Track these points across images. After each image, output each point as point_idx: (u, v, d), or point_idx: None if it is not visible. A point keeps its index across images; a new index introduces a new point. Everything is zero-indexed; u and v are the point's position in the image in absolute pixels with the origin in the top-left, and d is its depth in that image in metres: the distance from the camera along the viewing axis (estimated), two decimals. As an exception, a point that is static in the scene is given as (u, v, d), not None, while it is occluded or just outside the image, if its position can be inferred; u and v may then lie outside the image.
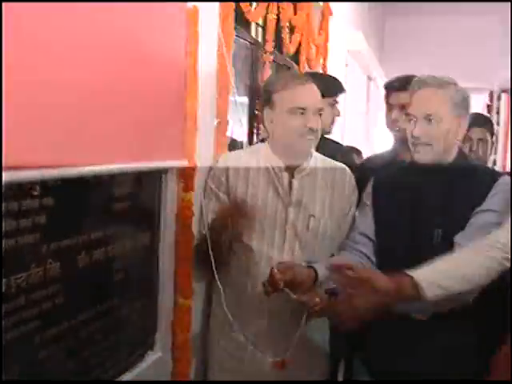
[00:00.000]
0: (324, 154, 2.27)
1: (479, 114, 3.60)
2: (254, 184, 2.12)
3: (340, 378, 2.65)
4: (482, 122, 3.27)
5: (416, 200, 2.08)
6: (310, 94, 2.10)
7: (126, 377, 1.82)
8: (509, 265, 1.85)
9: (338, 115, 2.92)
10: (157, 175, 1.93)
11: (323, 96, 2.18)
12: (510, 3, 4.39)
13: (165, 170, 1.95)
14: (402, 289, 1.76)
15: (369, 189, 2.18)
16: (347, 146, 3.61)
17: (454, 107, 2.02)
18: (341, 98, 2.92)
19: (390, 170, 2.27)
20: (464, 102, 2.05)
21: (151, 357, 1.97)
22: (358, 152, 4.34)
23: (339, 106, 2.89)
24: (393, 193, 2.13)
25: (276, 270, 1.88)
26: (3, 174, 1.13)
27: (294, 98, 2.07)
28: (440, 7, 7.92)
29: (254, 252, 2.10)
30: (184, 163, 1.98)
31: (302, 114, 2.06)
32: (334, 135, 4.13)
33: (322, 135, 2.27)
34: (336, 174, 2.24)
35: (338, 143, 3.10)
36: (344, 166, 2.31)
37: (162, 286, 1.99)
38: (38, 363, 1.42)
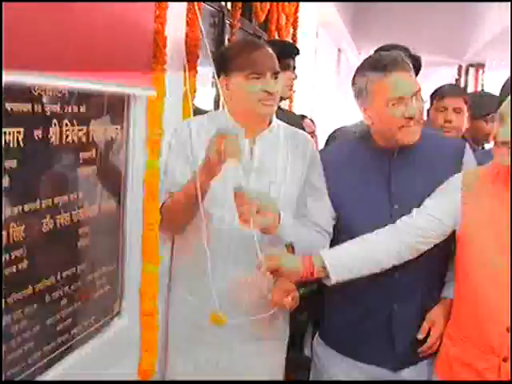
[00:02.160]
0: None
1: (453, 84, 3.63)
2: None
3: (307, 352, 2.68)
4: (456, 91, 3.29)
5: (385, 182, 2.10)
6: (266, 57, 2.09)
7: (93, 343, 1.81)
8: (425, 248, 1.94)
9: (295, 78, 2.94)
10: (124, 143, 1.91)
11: (278, 60, 2.17)
12: (509, 3, 4.41)
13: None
14: (310, 271, 1.91)
15: (321, 174, 2.19)
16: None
17: None
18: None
19: (346, 148, 2.28)
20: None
21: (118, 323, 1.96)
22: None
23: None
24: (351, 177, 2.15)
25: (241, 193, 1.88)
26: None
27: (250, 63, 2.05)
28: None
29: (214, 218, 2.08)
30: (151, 92, 1.97)
31: (259, 78, 2.05)
32: (304, 106, 4.14)
33: (279, 106, 2.27)
34: (297, 140, 2.24)
35: (293, 113, 3.13)
36: (305, 132, 2.33)
37: (129, 252, 1.98)
38: (1, 329, 1.40)
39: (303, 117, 3.76)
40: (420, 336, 2.05)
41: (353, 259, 1.93)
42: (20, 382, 1.35)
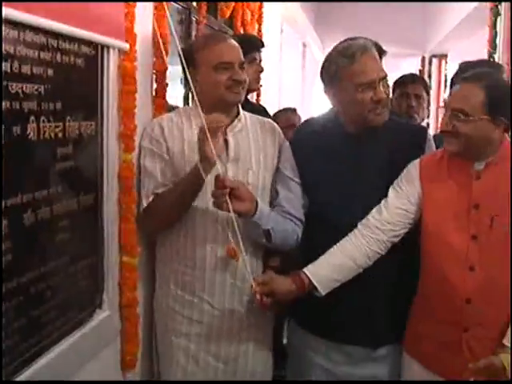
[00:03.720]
0: None
1: (413, 73, 3.80)
2: (189, 144, 2.14)
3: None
4: (415, 78, 3.47)
5: (355, 163, 2.17)
6: (232, 49, 2.18)
7: (76, 335, 1.85)
8: (396, 240, 2.05)
9: (262, 71, 3.01)
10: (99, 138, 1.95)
11: (244, 54, 2.24)
12: (509, 3, 4.51)
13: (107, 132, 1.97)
14: (302, 289, 2.01)
15: (291, 161, 2.24)
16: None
17: None
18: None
19: (311, 136, 2.31)
20: None
21: (100, 315, 2.00)
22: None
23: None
24: (320, 161, 2.20)
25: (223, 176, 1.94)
26: None
27: (218, 55, 2.13)
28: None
29: (196, 209, 2.13)
30: (124, 45, 2.01)
31: (227, 68, 2.13)
32: (271, 102, 4.19)
33: (246, 97, 2.32)
34: (265, 128, 2.32)
35: (259, 105, 3.18)
36: (271, 121, 2.42)
37: (107, 245, 2.02)
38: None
39: (293, 110, 3.74)
40: None
41: (336, 271, 2.03)
42: (20, 382, 1.37)
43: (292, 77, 7.03)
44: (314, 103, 8.88)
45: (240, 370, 2.24)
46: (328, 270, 2.02)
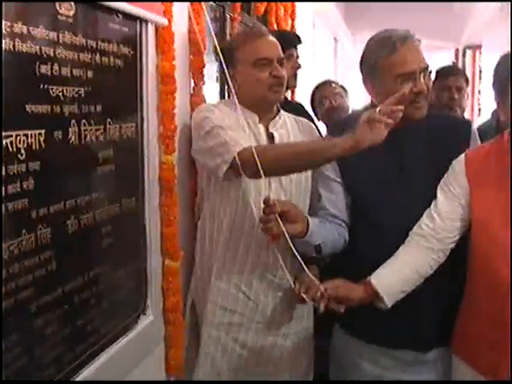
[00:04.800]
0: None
1: (453, 65, 3.71)
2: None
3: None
4: (456, 71, 3.39)
5: (397, 160, 2.09)
6: (271, 44, 2.13)
7: (121, 342, 1.82)
8: (454, 245, 1.96)
9: (299, 68, 2.95)
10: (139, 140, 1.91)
11: (282, 50, 2.18)
12: (509, 3, 4.41)
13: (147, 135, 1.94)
14: (369, 298, 1.92)
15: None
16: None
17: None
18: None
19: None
20: None
21: (144, 321, 1.97)
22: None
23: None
24: (363, 158, 2.12)
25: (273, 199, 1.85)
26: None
27: (256, 51, 2.08)
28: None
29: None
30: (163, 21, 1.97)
31: (266, 64, 2.07)
32: (304, 96, 4.13)
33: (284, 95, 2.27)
34: (303, 127, 2.28)
35: (296, 102, 3.13)
36: (308, 121, 2.37)
37: (150, 249, 1.98)
38: (35, 331, 1.41)
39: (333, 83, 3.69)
40: None
41: (402, 284, 1.94)
42: (20, 382, 1.34)
43: (324, 72, 6.95)
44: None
45: (273, 363, 2.23)
46: (395, 282, 1.94)
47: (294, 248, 1.90)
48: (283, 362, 2.25)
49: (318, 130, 2.50)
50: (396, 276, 1.94)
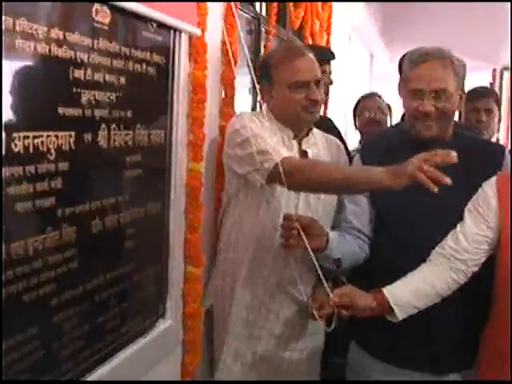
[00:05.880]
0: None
1: (484, 86, 3.66)
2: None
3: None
4: (488, 92, 3.34)
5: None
6: (309, 65, 2.10)
7: (138, 343, 1.85)
8: (476, 269, 1.93)
9: (331, 83, 2.97)
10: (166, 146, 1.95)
11: None
12: (509, 3, 4.39)
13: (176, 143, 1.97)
14: (382, 308, 1.90)
15: None
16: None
17: (457, 80, 2.01)
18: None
19: (380, 148, 2.21)
20: (464, 74, 2.05)
21: (162, 324, 2.00)
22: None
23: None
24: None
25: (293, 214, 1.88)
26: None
27: (294, 73, 2.06)
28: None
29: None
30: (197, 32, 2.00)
31: (303, 87, 2.06)
32: (338, 111, 4.14)
33: None
34: (331, 144, 2.29)
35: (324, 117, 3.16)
36: (336, 139, 2.37)
37: (172, 254, 2.01)
38: (53, 327, 1.44)
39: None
40: None
41: (416, 298, 1.92)
42: (20, 382, 1.37)
43: (359, 87, 6.95)
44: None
45: (287, 376, 2.23)
46: (408, 295, 1.92)
47: (316, 262, 1.91)
48: (297, 376, 2.26)
49: (347, 148, 2.51)
50: (410, 289, 1.92)
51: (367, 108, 3.62)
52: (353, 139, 4.79)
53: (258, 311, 2.17)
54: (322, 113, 4.03)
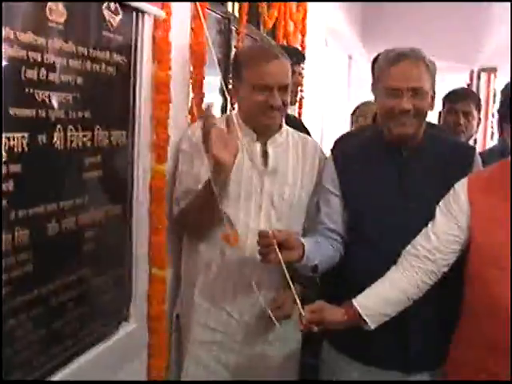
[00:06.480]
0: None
1: (465, 88, 3.66)
2: None
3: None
4: (467, 95, 3.32)
5: (396, 179, 2.09)
6: (278, 70, 2.06)
7: (100, 347, 1.82)
8: (446, 269, 1.94)
9: (300, 85, 2.98)
10: (128, 147, 1.92)
11: None
12: (509, 3, 4.41)
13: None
14: (351, 320, 1.90)
15: (332, 174, 2.17)
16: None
17: (431, 80, 2.02)
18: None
19: (353, 148, 2.25)
20: (435, 73, 2.06)
21: (126, 328, 1.97)
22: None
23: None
24: (362, 174, 2.12)
25: (270, 231, 1.86)
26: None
27: (259, 75, 2.03)
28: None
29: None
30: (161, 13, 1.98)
31: (265, 91, 2.03)
32: (314, 114, 4.14)
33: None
34: (307, 146, 2.26)
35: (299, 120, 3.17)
36: (313, 139, 2.36)
37: (136, 256, 1.99)
38: (7, 331, 1.41)
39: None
40: None
41: (387, 306, 1.93)
42: (20, 382, 1.35)
43: (336, 89, 6.97)
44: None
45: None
46: (379, 304, 1.92)
47: (288, 278, 1.88)
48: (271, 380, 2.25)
49: None
50: (381, 298, 1.92)
51: (363, 115, 3.66)
52: (330, 140, 4.80)
53: (218, 317, 2.16)
54: (296, 113, 4.06)
